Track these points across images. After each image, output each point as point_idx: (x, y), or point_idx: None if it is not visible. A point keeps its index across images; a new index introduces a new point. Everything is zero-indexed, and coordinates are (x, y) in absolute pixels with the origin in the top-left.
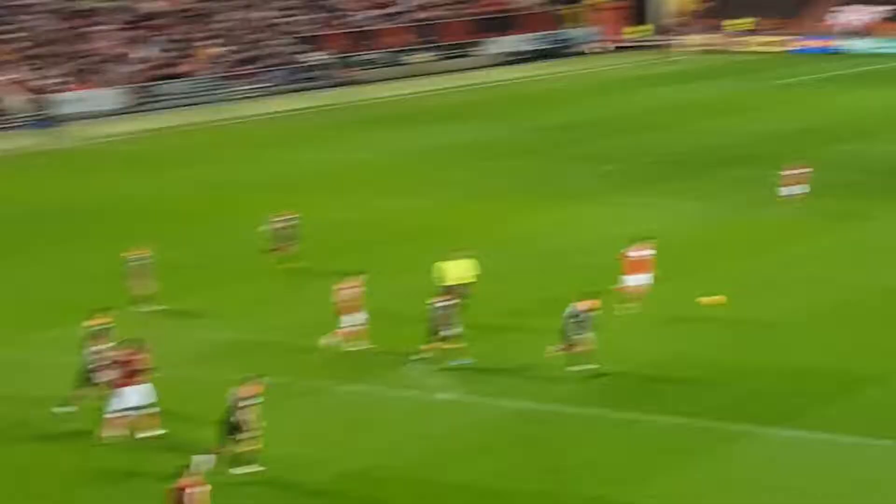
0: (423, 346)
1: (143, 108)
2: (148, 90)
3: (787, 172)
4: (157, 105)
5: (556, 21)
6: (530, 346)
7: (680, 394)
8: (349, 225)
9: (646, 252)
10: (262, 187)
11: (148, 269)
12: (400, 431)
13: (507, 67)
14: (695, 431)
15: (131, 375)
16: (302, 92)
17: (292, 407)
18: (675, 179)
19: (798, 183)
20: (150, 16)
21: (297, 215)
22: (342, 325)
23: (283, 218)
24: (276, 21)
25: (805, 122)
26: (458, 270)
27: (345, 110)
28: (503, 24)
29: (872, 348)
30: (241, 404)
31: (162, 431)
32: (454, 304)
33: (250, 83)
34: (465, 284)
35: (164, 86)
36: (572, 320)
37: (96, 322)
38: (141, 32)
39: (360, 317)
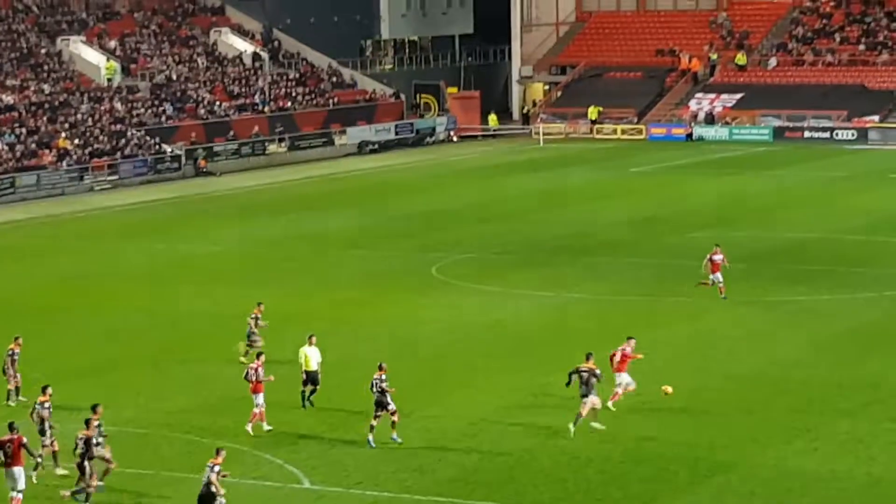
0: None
1: None
2: (3, 183)
3: (715, 258)
4: (12, 198)
5: (413, 110)
6: (385, 434)
7: (534, 482)
8: (203, 316)
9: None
10: (117, 279)
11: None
12: None
13: (363, 157)
14: None
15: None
16: (158, 183)
17: (155, 496)
18: (529, 267)
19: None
20: (4, 109)
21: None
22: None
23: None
24: (131, 113)
25: (661, 210)
26: (314, 356)
27: (200, 201)
28: (359, 113)
29: (723, 435)
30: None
31: None
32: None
33: (106, 175)
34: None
35: (20, 178)
36: (594, 379)
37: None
38: None
39: (261, 398)
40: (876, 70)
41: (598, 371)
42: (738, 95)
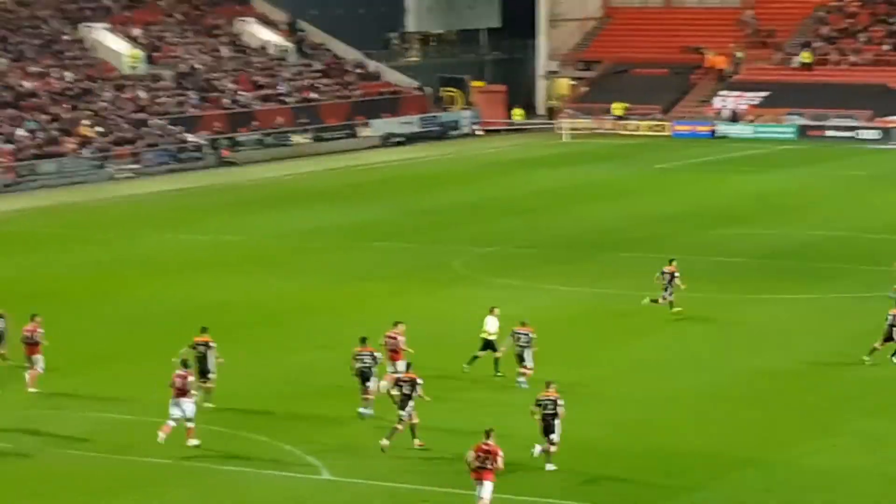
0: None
1: (19, 187)
2: (24, 170)
3: None
4: (33, 185)
5: (437, 103)
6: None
7: (549, 474)
8: (224, 306)
9: None
10: (138, 267)
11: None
12: None
13: (388, 149)
14: None
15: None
16: (180, 172)
17: (174, 487)
18: (552, 263)
19: None
20: (26, 95)
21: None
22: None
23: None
24: (154, 101)
25: (685, 206)
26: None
27: (222, 191)
28: (383, 106)
29: (743, 432)
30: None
31: (197, 442)
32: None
33: (128, 163)
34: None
35: (41, 165)
36: None
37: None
38: (15, 112)
39: (401, 365)
40: None
41: None
42: (763, 94)
